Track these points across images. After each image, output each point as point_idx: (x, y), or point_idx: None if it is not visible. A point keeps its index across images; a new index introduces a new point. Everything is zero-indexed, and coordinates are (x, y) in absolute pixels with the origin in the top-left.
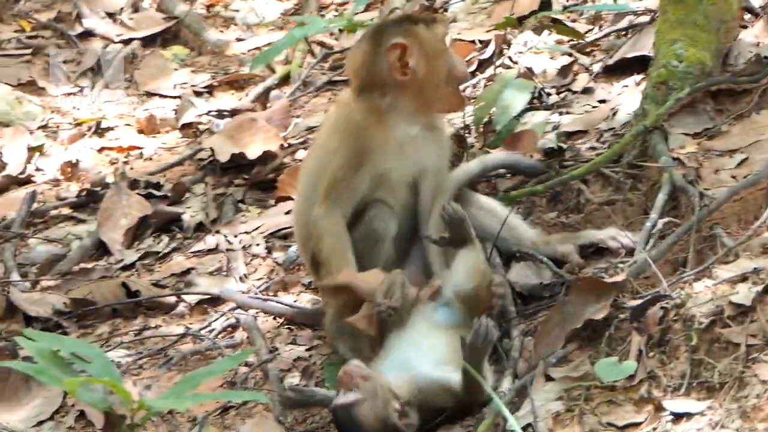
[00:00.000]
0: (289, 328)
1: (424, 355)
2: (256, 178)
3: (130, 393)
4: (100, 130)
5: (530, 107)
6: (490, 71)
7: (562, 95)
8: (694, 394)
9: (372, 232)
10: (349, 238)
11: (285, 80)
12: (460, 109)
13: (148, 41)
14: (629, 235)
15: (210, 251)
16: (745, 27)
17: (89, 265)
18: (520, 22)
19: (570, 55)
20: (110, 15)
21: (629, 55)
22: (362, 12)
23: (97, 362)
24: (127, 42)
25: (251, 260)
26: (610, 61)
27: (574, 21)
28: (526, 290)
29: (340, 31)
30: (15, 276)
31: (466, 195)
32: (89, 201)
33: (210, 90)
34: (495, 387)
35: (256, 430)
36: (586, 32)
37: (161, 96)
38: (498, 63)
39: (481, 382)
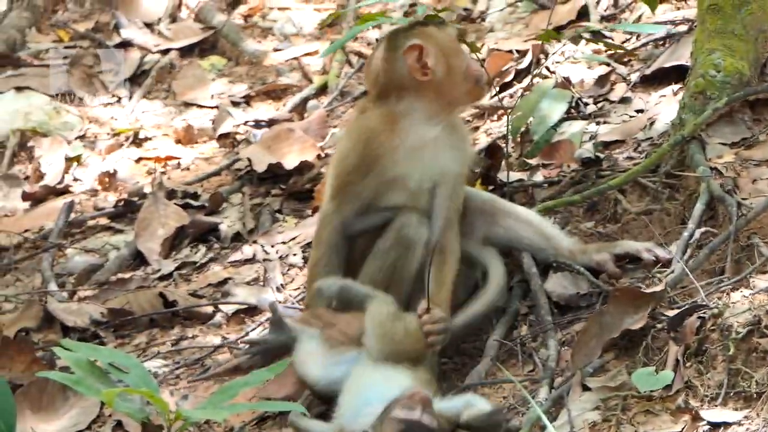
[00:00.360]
0: None
1: (385, 388)
2: (293, 188)
3: (167, 403)
4: (137, 140)
5: (567, 117)
6: (527, 81)
7: (599, 105)
8: (732, 404)
9: (403, 239)
10: (342, 249)
11: (322, 90)
12: (481, 98)
13: (185, 51)
14: (666, 247)
15: (247, 261)
16: None
17: (127, 275)
18: (557, 31)
19: (607, 64)
20: (148, 25)
21: (667, 65)
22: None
23: (134, 372)
24: (164, 52)
25: (288, 270)
26: (648, 71)
27: (612, 30)
28: (563, 300)
29: (377, 41)
30: (53, 286)
31: (502, 206)
32: (127, 211)
33: (247, 100)
34: (532, 397)
35: None
36: (624, 42)
37: (199, 106)
38: (535, 73)
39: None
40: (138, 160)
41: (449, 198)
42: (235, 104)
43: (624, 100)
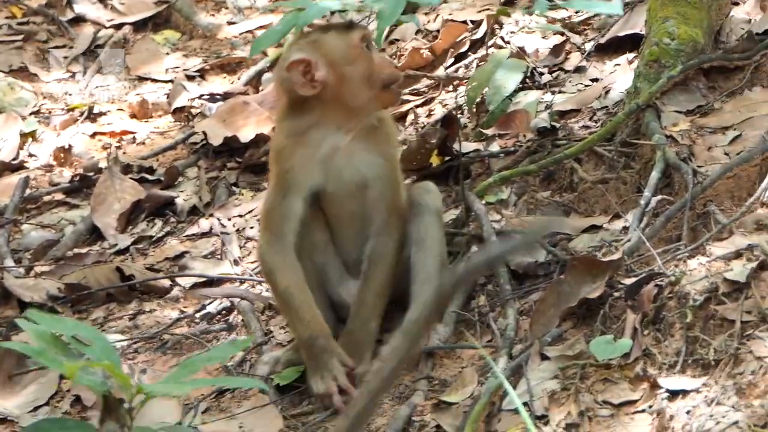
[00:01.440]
0: None
1: None
2: (249, 161)
3: (128, 377)
4: (92, 116)
5: (523, 87)
6: (482, 51)
7: (554, 74)
8: (690, 372)
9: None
10: (301, 273)
11: (277, 63)
12: (393, 103)
13: (139, 26)
14: (623, 215)
15: (204, 235)
16: (736, 4)
17: (83, 251)
18: (512, 1)
19: (562, 34)
20: (101, 0)
21: (621, 34)
22: None
23: (96, 345)
24: (118, 27)
25: (245, 243)
26: (602, 40)
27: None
28: (521, 269)
29: (332, 13)
30: (9, 262)
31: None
32: (82, 186)
33: (202, 74)
34: (490, 367)
35: (252, 414)
36: (578, 11)
37: (153, 80)
38: (490, 43)
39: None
40: (93, 135)
41: (378, 202)
42: (189, 78)
43: (579, 70)
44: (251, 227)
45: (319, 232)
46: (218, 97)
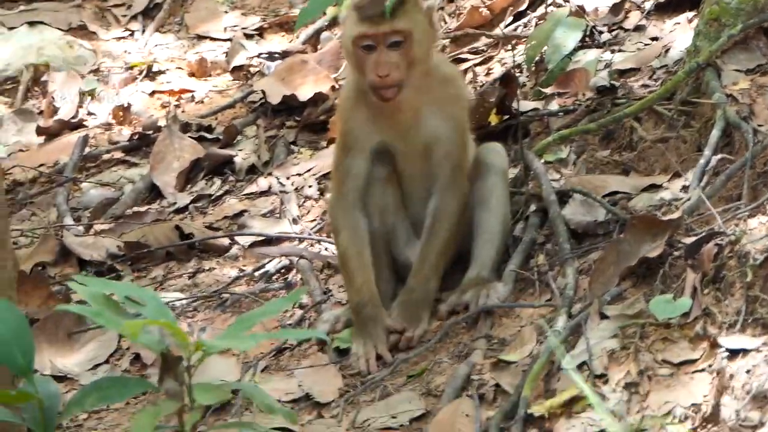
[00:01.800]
0: None
1: None
2: (307, 120)
3: (185, 334)
4: (151, 74)
5: (582, 45)
6: (541, 10)
7: (614, 33)
8: (750, 331)
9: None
10: (365, 233)
11: (335, 22)
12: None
13: None
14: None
15: (262, 194)
16: None
17: (142, 209)
18: None
19: None
20: None
21: None
22: None
23: (151, 305)
24: None
25: (304, 202)
26: None
27: None
28: (581, 228)
29: None
30: (68, 220)
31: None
32: (141, 145)
33: (260, 32)
34: (550, 325)
35: (311, 373)
36: None
37: (212, 39)
38: (549, 1)
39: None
40: (152, 94)
41: (444, 161)
42: (248, 37)
43: (638, 28)
44: (310, 186)
45: (391, 194)
46: (277, 55)
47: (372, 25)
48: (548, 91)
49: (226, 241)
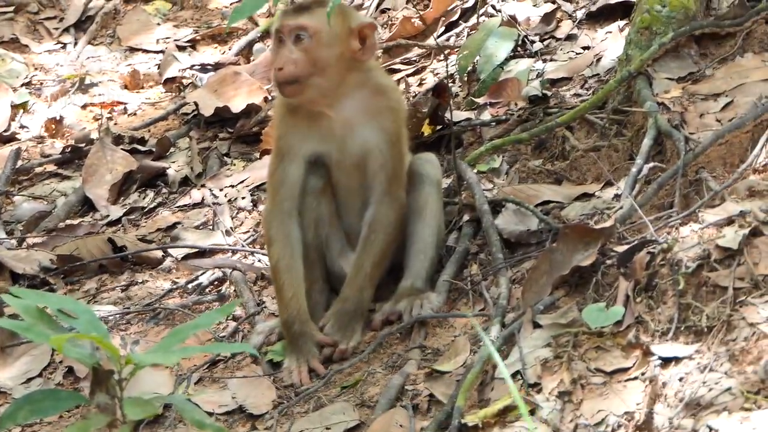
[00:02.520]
0: None
1: None
2: (240, 132)
3: (117, 348)
4: (83, 87)
5: (514, 55)
6: (473, 20)
7: (545, 42)
8: (682, 338)
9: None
10: (298, 245)
11: (268, 33)
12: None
13: None
14: (615, 183)
15: (195, 205)
16: None
17: (75, 222)
18: None
19: (553, 2)
20: None
21: (612, 1)
22: None
23: (83, 318)
24: None
25: (237, 214)
26: (594, 8)
27: None
28: (514, 237)
29: None
30: (1, 234)
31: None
32: (74, 157)
33: (193, 44)
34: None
35: (245, 384)
36: None
37: (144, 51)
38: (481, 11)
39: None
40: (84, 106)
41: (379, 172)
42: (180, 48)
43: (570, 38)
44: (243, 198)
45: (326, 205)
46: (209, 67)
47: (284, 17)
48: (481, 101)
49: (159, 254)
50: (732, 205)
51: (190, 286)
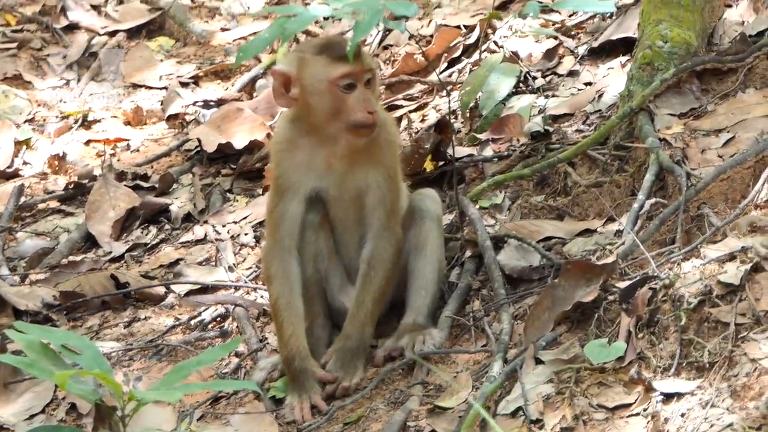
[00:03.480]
0: None
1: None
2: (243, 168)
3: (120, 384)
4: (86, 123)
5: (516, 91)
6: (475, 56)
7: (547, 78)
8: (684, 374)
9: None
10: (297, 282)
11: (271, 68)
12: (364, 138)
13: (133, 33)
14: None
15: (198, 242)
16: (729, 6)
17: (78, 258)
18: (505, 6)
19: (555, 38)
20: (95, 7)
21: (614, 37)
22: None
23: (87, 354)
24: (112, 34)
25: (240, 250)
26: (595, 44)
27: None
28: (516, 273)
29: (325, 18)
30: (4, 270)
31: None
32: (77, 194)
33: (196, 80)
34: (485, 371)
35: (247, 421)
36: (571, 15)
37: (147, 87)
38: (483, 47)
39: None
40: (87, 143)
41: (377, 207)
42: (183, 85)
43: (572, 74)
44: (246, 234)
45: (324, 240)
46: (212, 103)
47: (352, 64)
48: (483, 137)
49: (161, 290)
50: (734, 240)
51: (192, 322)
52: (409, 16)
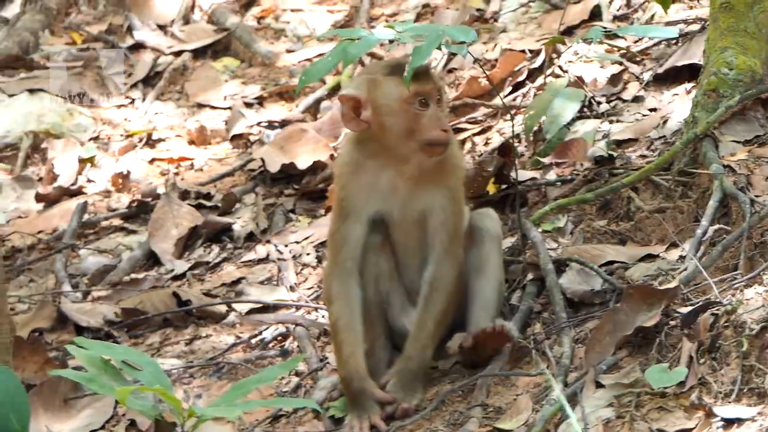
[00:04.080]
0: None
1: None
2: (306, 188)
3: (180, 401)
4: (151, 142)
5: (580, 116)
6: (540, 80)
7: (612, 104)
8: (745, 400)
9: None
10: (357, 304)
11: (335, 90)
12: (438, 156)
13: (198, 53)
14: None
15: (260, 261)
16: None
17: (140, 276)
18: (570, 31)
19: (620, 63)
20: (161, 27)
21: (679, 64)
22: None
23: (147, 370)
24: (178, 54)
25: (301, 270)
26: (660, 70)
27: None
28: (577, 297)
29: (390, 42)
30: (66, 287)
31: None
32: (140, 212)
33: (260, 101)
34: (546, 395)
35: None
36: (636, 41)
37: (212, 107)
38: (548, 72)
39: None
40: (151, 161)
41: (440, 230)
42: (248, 105)
43: (637, 99)
44: (308, 254)
45: (385, 261)
46: (276, 124)
47: (424, 82)
48: (546, 160)
49: (223, 308)
50: None
51: (253, 341)
52: (470, 40)
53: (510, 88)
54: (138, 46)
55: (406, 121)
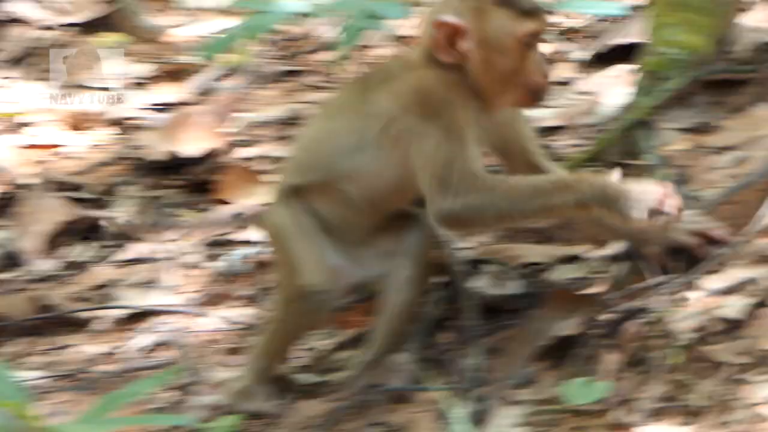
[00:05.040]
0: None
1: None
2: (193, 179)
3: (37, 417)
4: (20, 126)
5: None
6: None
7: None
8: (671, 419)
9: None
10: None
11: (229, 71)
12: (529, 109)
13: (77, 28)
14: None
15: (137, 260)
16: (742, 10)
17: (1, 277)
18: None
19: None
20: None
21: (616, 42)
22: None
23: (2, 383)
24: (53, 29)
25: (185, 270)
26: (594, 50)
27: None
28: (491, 302)
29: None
30: None
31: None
32: (5, 205)
33: (145, 82)
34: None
35: None
36: (568, 16)
37: (90, 88)
38: None
39: None
40: (20, 148)
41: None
42: (132, 86)
43: (566, 83)
44: (190, 253)
45: None
46: (162, 107)
47: (540, 21)
48: None
49: (96, 313)
50: (736, 271)
51: (127, 350)
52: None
53: None
54: (9, 20)
55: (515, 62)
